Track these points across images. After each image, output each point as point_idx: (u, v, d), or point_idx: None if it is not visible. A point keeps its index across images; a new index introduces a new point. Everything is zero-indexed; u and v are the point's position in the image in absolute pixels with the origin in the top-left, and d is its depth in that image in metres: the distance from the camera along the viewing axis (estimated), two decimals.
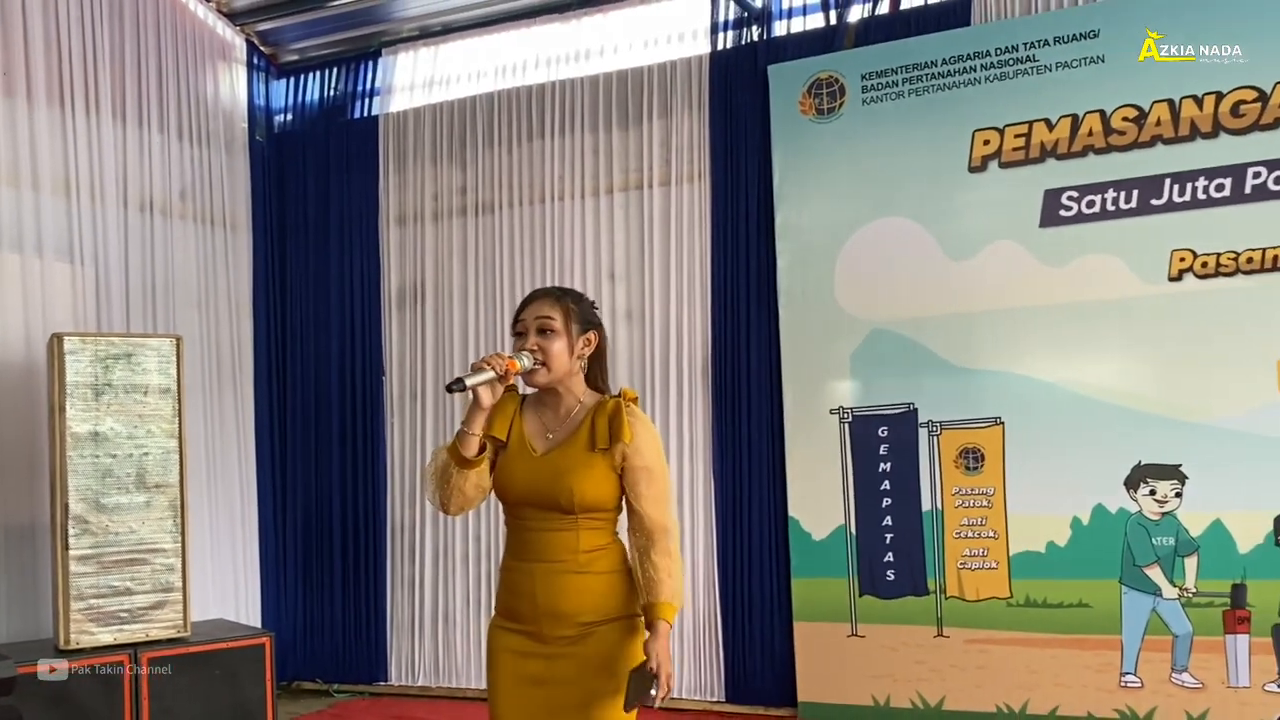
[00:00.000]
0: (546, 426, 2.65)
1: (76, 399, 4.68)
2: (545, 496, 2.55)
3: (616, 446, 2.55)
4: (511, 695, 2.60)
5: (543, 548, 2.57)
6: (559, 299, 2.64)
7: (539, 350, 2.56)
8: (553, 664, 2.56)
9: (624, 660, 2.55)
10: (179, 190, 6.05)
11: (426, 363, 6.34)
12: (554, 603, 2.54)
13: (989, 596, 5.01)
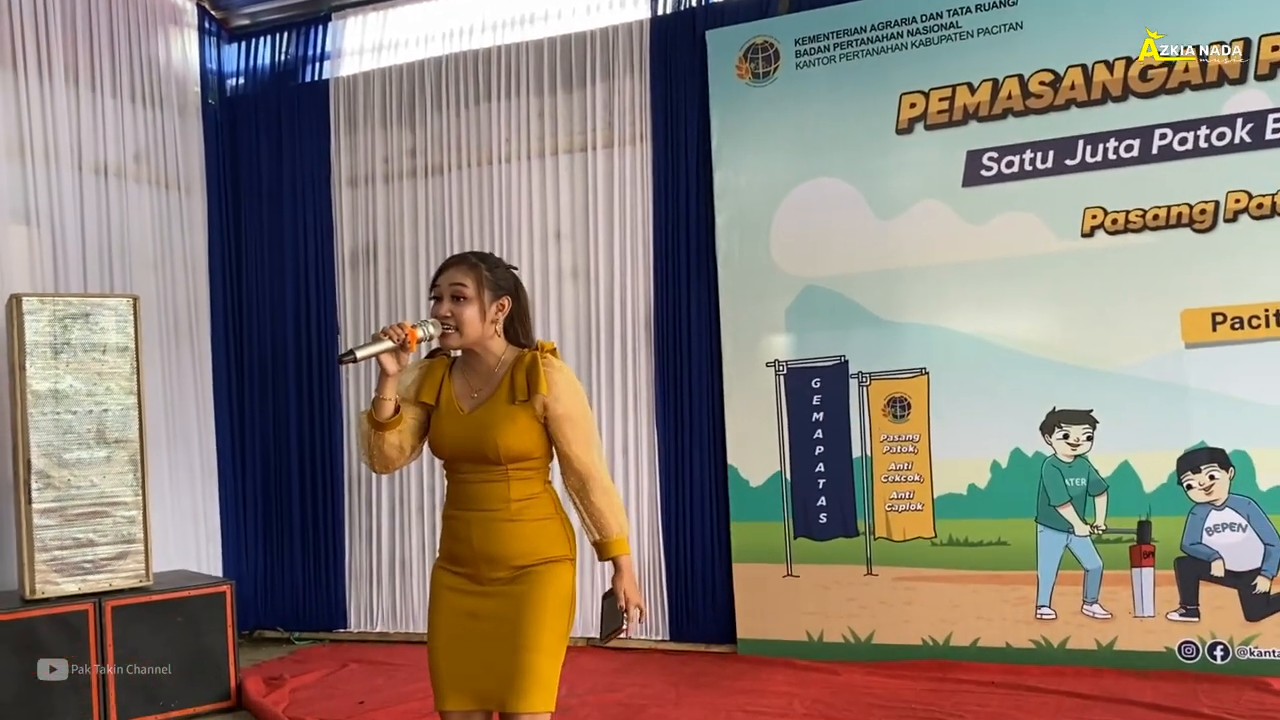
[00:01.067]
0: (472, 386, 2.76)
1: (36, 358, 4.77)
2: (474, 451, 2.69)
3: (535, 398, 2.67)
4: (450, 628, 2.74)
5: (478, 498, 2.71)
6: (473, 265, 2.73)
7: (451, 316, 2.67)
8: (488, 601, 2.70)
9: (550, 597, 2.69)
10: (133, 154, 6.10)
11: (380, 321, 6.44)
12: (489, 548, 2.69)
13: (915, 536, 5.24)
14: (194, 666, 4.96)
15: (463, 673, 2.70)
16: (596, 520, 2.73)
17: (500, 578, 2.70)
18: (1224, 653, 4.74)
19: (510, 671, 2.64)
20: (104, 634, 4.75)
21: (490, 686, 2.67)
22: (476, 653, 2.69)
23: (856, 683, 4.92)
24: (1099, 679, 4.73)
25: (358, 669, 5.68)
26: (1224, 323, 4.80)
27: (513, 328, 2.79)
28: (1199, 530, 4.81)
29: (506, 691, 2.64)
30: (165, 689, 4.88)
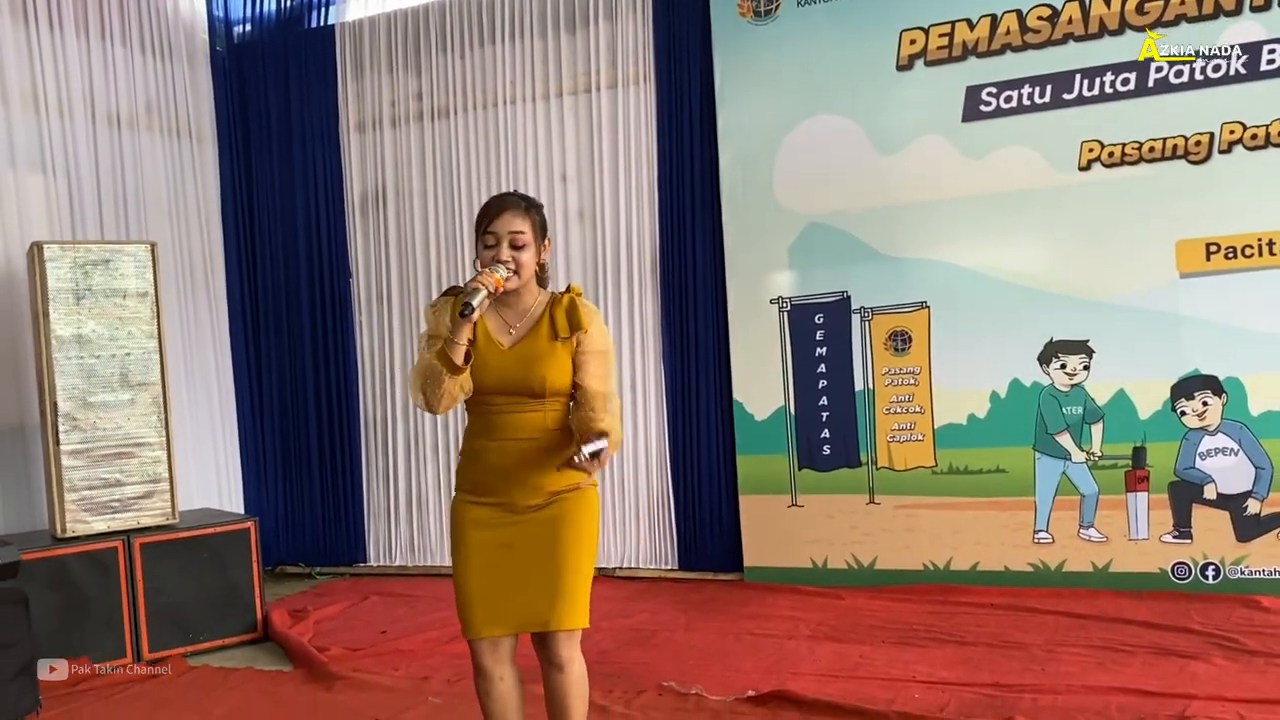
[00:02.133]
0: (508, 322, 2.83)
1: (59, 304, 4.84)
2: (520, 385, 2.76)
3: (575, 335, 2.77)
4: (482, 561, 2.79)
5: (516, 427, 2.78)
6: (526, 211, 2.79)
7: (512, 260, 2.74)
8: (521, 529, 2.78)
9: (583, 522, 2.80)
10: (144, 103, 6.12)
11: (391, 264, 6.51)
12: (527, 475, 2.76)
13: (916, 466, 5.33)
14: (221, 600, 5.09)
15: (499, 602, 2.78)
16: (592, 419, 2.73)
17: (535, 505, 2.77)
18: (1215, 572, 4.85)
19: (551, 592, 2.74)
20: (133, 570, 4.87)
21: (529, 611, 2.77)
22: (513, 580, 2.77)
23: (860, 606, 5.04)
24: (1095, 599, 4.84)
25: (378, 601, 5.81)
26: (1218, 253, 4.84)
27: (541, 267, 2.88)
28: (1192, 455, 4.90)
29: (548, 612, 2.74)
30: (194, 621, 5.01)
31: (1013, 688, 3.79)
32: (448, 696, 4.10)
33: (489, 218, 2.78)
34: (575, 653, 2.81)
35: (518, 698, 2.89)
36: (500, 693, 2.85)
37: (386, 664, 4.60)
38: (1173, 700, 3.56)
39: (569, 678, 2.79)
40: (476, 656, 2.85)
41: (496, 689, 2.85)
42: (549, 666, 2.81)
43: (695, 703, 3.83)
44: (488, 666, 2.84)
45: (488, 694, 2.86)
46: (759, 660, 4.31)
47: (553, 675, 2.81)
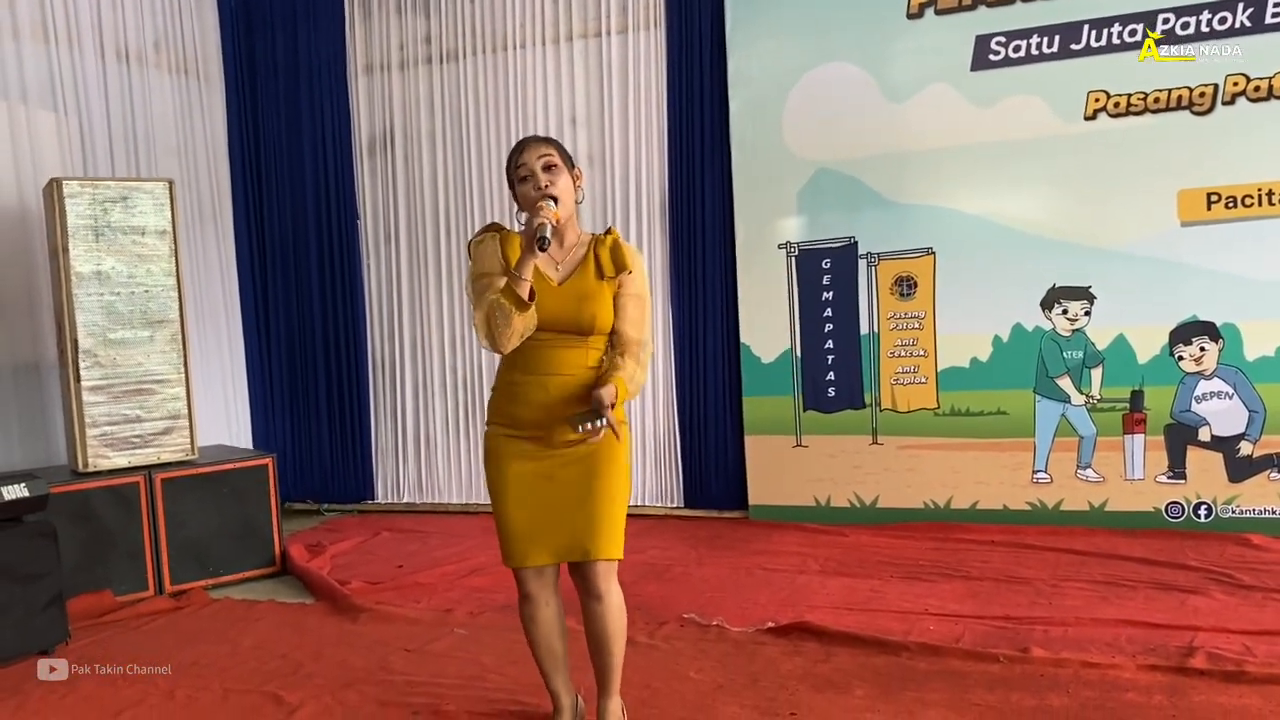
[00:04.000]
0: (554, 259, 2.79)
1: (78, 241, 4.74)
2: (570, 322, 2.72)
3: (620, 275, 2.74)
4: (521, 491, 2.78)
5: (559, 362, 2.74)
6: (550, 140, 2.79)
7: (551, 185, 2.69)
8: (558, 463, 2.76)
9: (622, 456, 2.79)
10: (153, 41, 5.97)
11: (399, 207, 6.43)
12: (565, 410, 2.71)
13: (919, 408, 5.36)
14: (240, 534, 5.07)
15: (541, 531, 2.78)
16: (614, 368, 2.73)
17: (571, 440, 2.74)
18: (1208, 511, 4.92)
19: (589, 524, 2.74)
20: (155, 504, 4.84)
21: (568, 541, 2.77)
22: (552, 511, 2.77)
23: (864, 542, 5.09)
24: (1091, 537, 4.91)
25: (389, 537, 5.81)
26: (1218, 202, 4.86)
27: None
28: (1188, 398, 4.95)
29: (587, 542, 2.74)
30: (214, 555, 4.99)
31: (1023, 620, 3.84)
32: (472, 629, 4.11)
33: (516, 155, 2.76)
34: (613, 583, 2.81)
35: (561, 624, 2.91)
36: (544, 617, 2.87)
37: (408, 597, 4.60)
38: (1179, 632, 3.62)
39: (607, 607, 2.79)
40: (521, 583, 2.86)
41: (541, 614, 2.87)
42: (587, 597, 2.82)
43: (717, 634, 3.86)
44: (533, 592, 2.85)
45: (532, 619, 2.88)
46: (773, 594, 4.35)
47: (591, 605, 2.81)
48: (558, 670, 2.92)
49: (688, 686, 3.37)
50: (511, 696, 3.35)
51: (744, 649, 3.69)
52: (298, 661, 3.83)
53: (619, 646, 2.83)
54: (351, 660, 3.81)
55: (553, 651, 2.90)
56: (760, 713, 3.12)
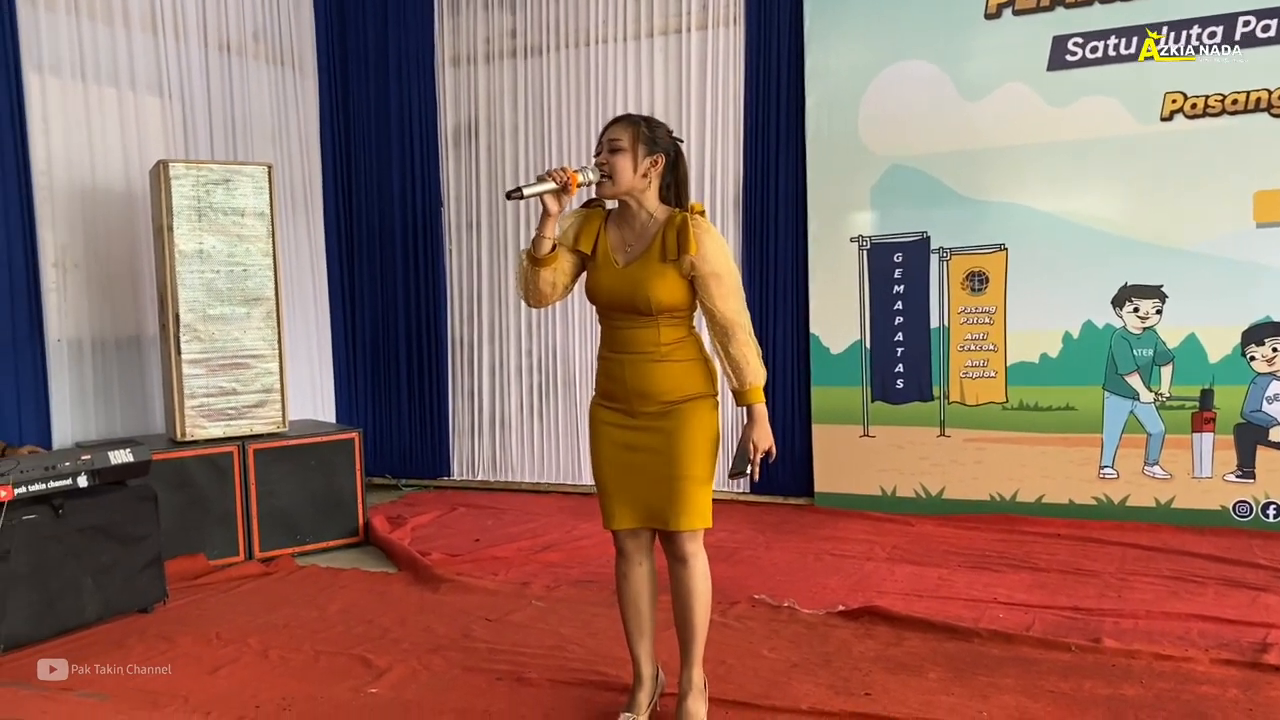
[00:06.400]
0: (625, 241, 2.79)
1: (182, 220, 4.81)
2: (627, 303, 2.74)
3: (684, 258, 2.69)
4: (611, 458, 2.83)
5: (630, 341, 2.76)
6: (633, 122, 2.75)
7: (606, 164, 2.71)
8: (641, 434, 2.77)
9: (696, 431, 2.76)
10: (252, 32, 6.05)
11: (481, 196, 6.45)
12: (641, 385, 2.75)
13: (987, 401, 5.27)
14: (326, 505, 5.13)
15: (629, 495, 2.80)
16: (734, 369, 2.76)
17: (651, 412, 2.75)
18: (1277, 512, 4.78)
19: (669, 496, 2.74)
20: (247, 474, 4.91)
21: (652, 507, 2.78)
22: (636, 479, 2.78)
23: (929, 532, 5.02)
24: (1157, 533, 4.79)
25: (466, 512, 5.84)
26: None
27: (670, 191, 2.80)
28: (1259, 399, 4.81)
29: (668, 513, 2.75)
30: (301, 524, 5.05)
31: (1093, 611, 3.76)
32: (549, 601, 4.12)
33: (602, 131, 2.79)
34: (697, 548, 2.81)
35: (651, 586, 2.91)
36: (637, 576, 2.89)
37: (486, 569, 4.62)
38: (1252, 628, 3.52)
39: (691, 571, 2.79)
40: (618, 541, 2.89)
41: (635, 572, 2.89)
42: (672, 560, 2.82)
43: (789, 615, 3.83)
44: (629, 550, 2.88)
45: (625, 576, 2.90)
46: (843, 578, 4.31)
47: (676, 569, 2.82)
48: (642, 634, 2.91)
49: (762, 664, 3.34)
50: (591, 667, 3.35)
51: (816, 630, 3.65)
52: (384, 627, 3.87)
53: (702, 613, 2.83)
54: (435, 627, 3.84)
55: (639, 612, 2.90)
56: (835, 692, 3.09)
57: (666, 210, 2.77)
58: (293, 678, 3.38)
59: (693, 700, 2.84)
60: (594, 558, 4.67)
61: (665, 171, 2.76)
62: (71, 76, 5.09)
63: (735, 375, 2.76)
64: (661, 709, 2.95)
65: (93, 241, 5.20)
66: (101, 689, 3.30)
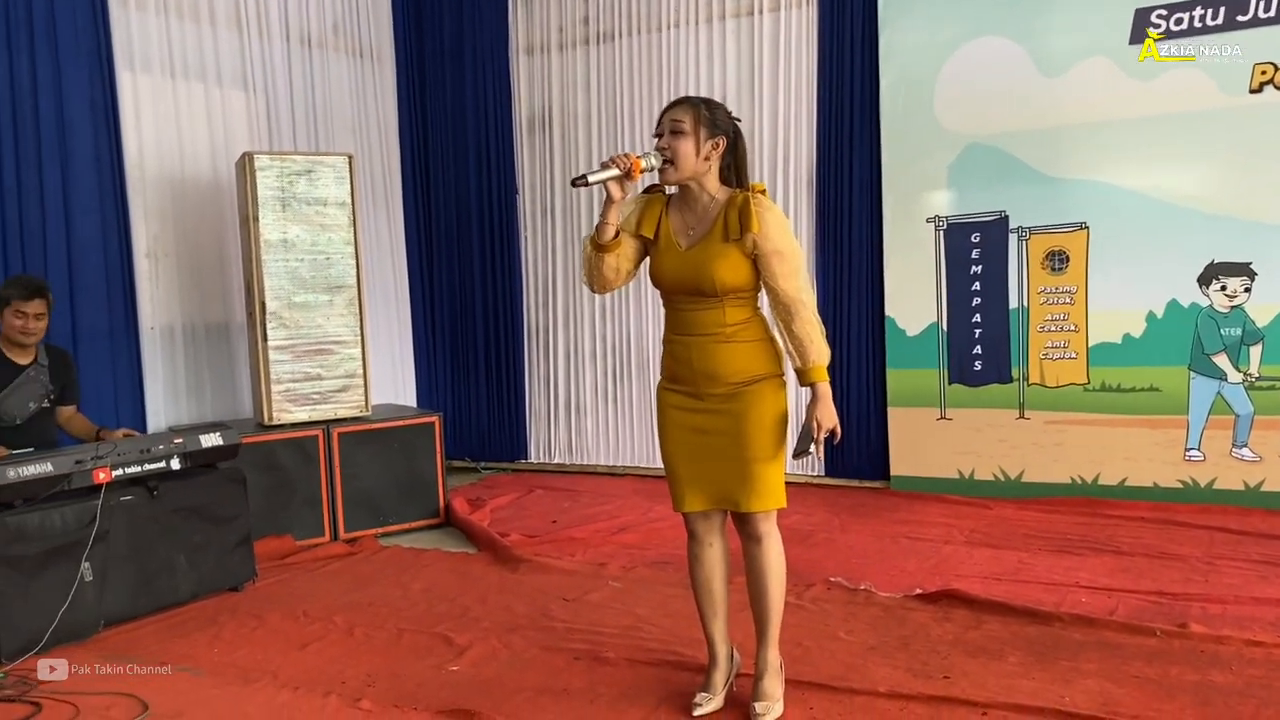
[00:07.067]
0: (688, 224, 2.77)
1: (267, 210, 4.91)
2: (692, 286, 2.72)
3: (746, 236, 2.65)
4: (679, 441, 2.82)
5: (696, 324, 2.75)
6: (694, 105, 2.72)
7: (668, 149, 2.68)
8: (709, 417, 2.76)
9: (765, 411, 2.74)
10: (332, 24, 6.14)
11: (555, 183, 6.48)
12: (708, 367, 2.74)
13: (1068, 383, 5.14)
14: (408, 487, 5.20)
15: (697, 478, 2.79)
16: (798, 348, 2.73)
17: (719, 394, 2.74)
18: None
19: (739, 477, 2.72)
20: (332, 456, 5.00)
21: (722, 489, 2.76)
22: (705, 461, 2.77)
23: (1009, 516, 4.92)
24: (1246, 517, 4.63)
25: (543, 494, 5.88)
26: None
27: (730, 172, 2.77)
28: None
29: (738, 494, 2.73)
30: (384, 505, 5.13)
31: (1179, 596, 3.65)
32: (626, 582, 4.13)
33: (662, 113, 2.76)
34: (770, 528, 2.79)
35: (724, 568, 2.90)
36: (708, 558, 2.88)
37: (563, 550, 4.65)
38: None
39: (764, 550, 2.78)
40: (689, 523, 2.89)
41: (706, 553, 2.88)
42: (746, 540, 2.81)
43: (865, 598, 3.78)
44: (700, 532, 2.87)
45: (696, 558, 2.89)
46: (920, 561, 4.24)
47: (749, 548, 2.81)
48: (715, 615, 2.90)
49: (839, 646, 3.31)
50: (668, 647, 3.34)
51: (893, 613, 3.60)
52: (465, 606, 3.92)
53: (777, 593, 2.81)
54: (514, 607, 3.87)
55: (712, 593, 2.89)
56: (913, 674, 3.05)
57: (727, 191, 2.75)
58: (376, 655, 3.44)
59: (768, 680, 2.82)
60: (670, 539, 4.66)
61: (725, 152, 2.74)
62: (161, 73, 5.22)
63: (799, 354, 2.73)
64: (738, 689, 2.93)
65: (182, 232, 5.33)
66: (196, 665, 3.40)
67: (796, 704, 2.85)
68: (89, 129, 4.85)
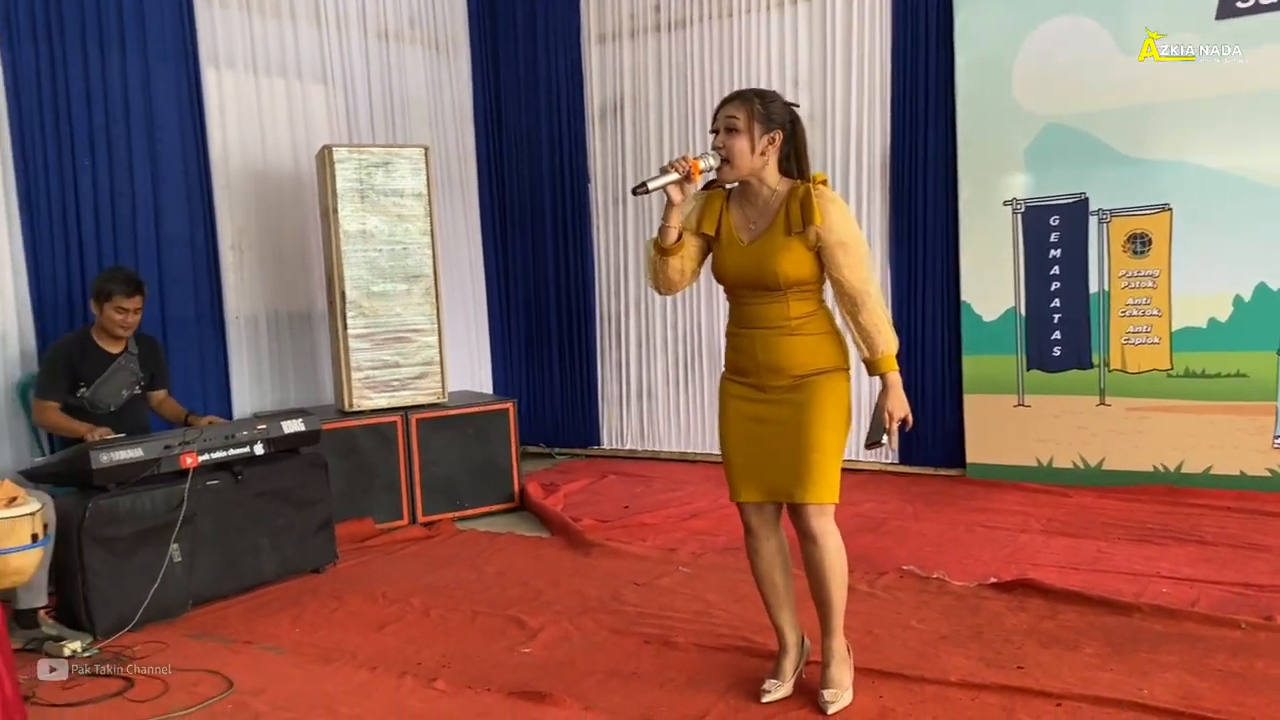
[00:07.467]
0: (749, 218, 2.74)
1: (346, 202, 5.00)
2: (756, 280, 2.70)
3: (809, 229, 2.63)
4: (738, 431, 2.81)
5: (760, 317, 2.73)
6: (747, 100, 2.68)
7: (724, 148, 2.66)
8: (771, 408, 2.75)
9: (829, 404, 2.71)
10: (408, 18, 6.23)
11: (627, 171, 6.48)
12: (772, 359, 2.72)
13: (1150, 369, 5.00)
14: (483, 472, 5.27)
15: (754, 469, 2.78)
16: (865, 338, 2.70)
17: (782, 385, 2.72)
18: None
19: (797, 469, 2.70)
20: (410, 442, 5.09)
21: (779, 481, 2.75)
22: (764, 452, 2.76)
23: (1088, 504, 4.80)
24: None
25: (615, 480, 5.92)
26: None
27: (789, 162, 2.74)
28: None
29: (794, 486, 2.71)
30: (460, 490, 5.21)
31: (1265, 588, 3.53)
32: (696, 568, 4.14)
33: (717, 109, 2.74)
34: (827, 525, 2.74)
35: (782, 559, 2.89)
36: (765, 551, 2.87)
37: (635, 535, 4.67)
38: None
39: (822, 549, 2.73)
40: (744, 516, 2.88)
41: (762, 547, 2.87)
42: (803, 538, 2.77)
43: (938, 586, 3.73)
44: (754, 526, 2.87)
45: (755, 551, 2.89)
46: (995, 550, 4.17)
47: (806, 547, 2.77)
48: (780, 605, 2.89)
49: (910, 635, 3.27)
50: (737, 633, 3.34)
51: (966, 602, 3.55)
52: (537, 589, 3.96)
53: (837, 589, 2.77)
54: (586, 590, 3.90)
55: (774, 585, 2.88)
56: (985, 664, 3.00)
57: (788, 183, 2.72)
58: (452, 636, 3.49)
59: (835, 668, 2.81)
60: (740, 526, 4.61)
61: (783, 143, 2.71)
62: (244, 69, 5.34)
63: (867, 344, 2.70)
64: (807, 676, 2.92)
65: (265, 224, 5.46)
66: (278, 644, 3.49)
67: (866, 692, 2.83)
68: (176, 126, 4.98)
